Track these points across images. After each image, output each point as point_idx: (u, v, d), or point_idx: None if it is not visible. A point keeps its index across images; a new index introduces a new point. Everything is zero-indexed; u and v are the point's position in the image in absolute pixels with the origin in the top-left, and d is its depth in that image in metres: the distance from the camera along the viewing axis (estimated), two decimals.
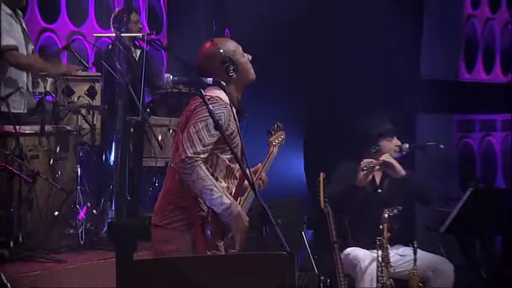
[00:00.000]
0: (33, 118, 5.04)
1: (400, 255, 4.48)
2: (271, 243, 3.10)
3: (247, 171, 3.22)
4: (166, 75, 3.59)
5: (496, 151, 7.48)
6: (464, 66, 7.20)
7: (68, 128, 5.21)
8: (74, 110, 5.19)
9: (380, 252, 4.25)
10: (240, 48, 3.39)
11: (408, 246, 4.37)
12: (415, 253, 4.19)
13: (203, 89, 3.25)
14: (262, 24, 6.22)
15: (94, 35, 6.55)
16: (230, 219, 3.21)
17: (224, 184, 3.33)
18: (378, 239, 4.25)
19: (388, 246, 4.28)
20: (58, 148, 5.15)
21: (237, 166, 3.31)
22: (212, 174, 3.27)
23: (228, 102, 3.31)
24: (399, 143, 4.60)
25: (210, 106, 3.19)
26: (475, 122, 7.33)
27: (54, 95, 5.18)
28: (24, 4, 5.44)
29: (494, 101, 7.23)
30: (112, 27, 5.96)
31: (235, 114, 3.36)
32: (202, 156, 3.25)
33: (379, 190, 4.61)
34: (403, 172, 4.49)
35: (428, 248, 4.63)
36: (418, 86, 6.46)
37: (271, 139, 3.71)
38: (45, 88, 5.24)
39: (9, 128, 4.68)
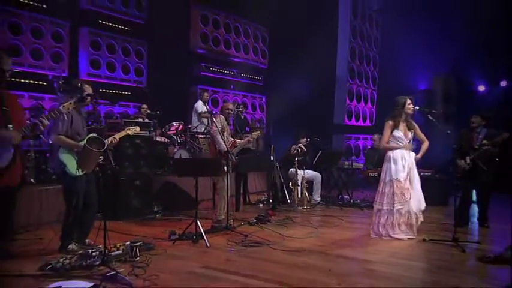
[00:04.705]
0: (203, 132, 13.00)
1: (304, 172, 11.09)
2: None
3: (231, 140, 8.52)
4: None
5: (360, 148, 14.64)
6: (347, 118, 14.15)
7: None
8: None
9: (297, 170, 11.19)
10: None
11: (304, 169, 11.22)
12: (304, 171, 11.18)
13: (215, 114, 8.72)
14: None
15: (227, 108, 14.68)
16: (223, 152, 8.17)
17: (231, 139, 8.58)
18: (297, 165, 11.27)
19: (298, 168, 11.30)
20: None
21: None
22: (222, 136, 8.08)
23: (224, 118, 8.54)
24: (307, 139, 11.45)
25: (219, 119, 8.36)
26: (351, 137, 14.43)
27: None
28: (207, 101, 13.50)
29: (361, 131, 14.55)
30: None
31: (225, 123, 8.51)
32: (215, 131, 8.23)
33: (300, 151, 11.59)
34: (305, 150, 11.55)
35: (314, 169, 11.74)
36: (332, 125, 14.09)
37: (252, 133, 9.56)
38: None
39: (196, 136, 12.91)
